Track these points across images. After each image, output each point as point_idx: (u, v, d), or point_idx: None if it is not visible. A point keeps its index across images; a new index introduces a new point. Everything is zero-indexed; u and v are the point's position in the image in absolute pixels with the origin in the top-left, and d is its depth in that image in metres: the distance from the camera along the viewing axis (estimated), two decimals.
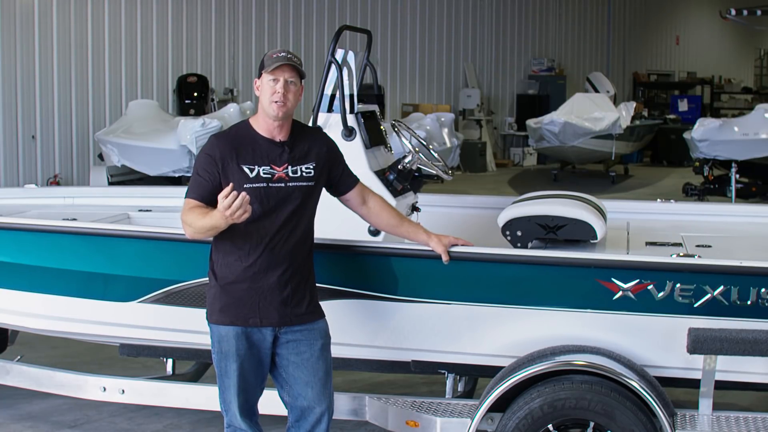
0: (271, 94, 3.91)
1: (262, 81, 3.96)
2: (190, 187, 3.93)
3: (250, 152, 3.92)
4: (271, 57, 3.97)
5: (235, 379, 3.96)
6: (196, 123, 11.59)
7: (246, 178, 3.88)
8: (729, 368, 4.18)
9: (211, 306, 3.99)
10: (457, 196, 6.59)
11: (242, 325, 3.93)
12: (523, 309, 4.35)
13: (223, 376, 3.99)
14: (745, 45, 36.34)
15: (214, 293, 3.98)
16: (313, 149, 4.07)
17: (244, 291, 3.92)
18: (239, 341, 3.93)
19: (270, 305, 3.93)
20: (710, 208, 6.09)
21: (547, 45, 25.22)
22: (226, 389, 4.00)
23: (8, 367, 5.20)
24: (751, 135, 13.99)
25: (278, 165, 3.94)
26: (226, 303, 3.93)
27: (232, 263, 3.92)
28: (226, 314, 3.94)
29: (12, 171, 13.85)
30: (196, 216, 3.82)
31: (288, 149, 3.99)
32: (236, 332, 3.93)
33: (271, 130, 3.98)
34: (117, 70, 15.41)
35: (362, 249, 4.48)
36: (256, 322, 3.93)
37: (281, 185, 3.93)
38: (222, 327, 3.95)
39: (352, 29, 5.73)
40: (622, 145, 18.95)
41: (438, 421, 4.31)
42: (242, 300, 3.92)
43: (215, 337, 3.99)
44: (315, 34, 18.85)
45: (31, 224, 4.96)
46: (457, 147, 15.87)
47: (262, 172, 3.91)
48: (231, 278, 3.93)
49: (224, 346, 3.95)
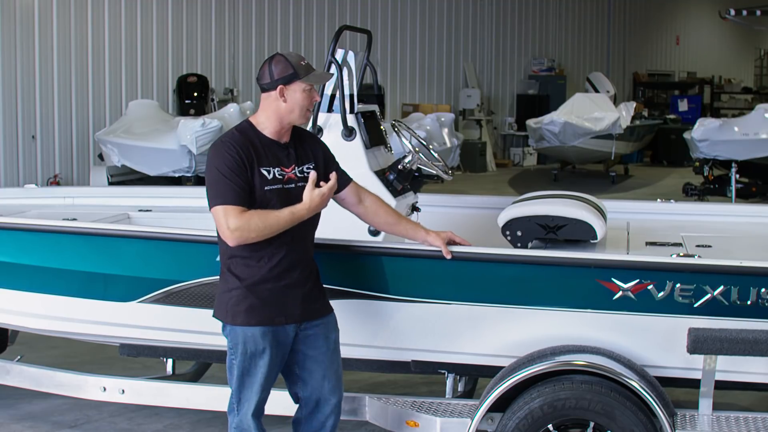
0: (308, 104, 3.98)
1: (293, 88, 3.95)
2: (226, 194, 3.84)
3: (263, 155, 3.96)
4: (301, 65, 3.97)
5: (260, 378, 3.98)
6: (196, 123, 11.59)
7: (266, 181, 3.92)
8: (729, 368, 4.18)
9: (235, 308, 3.96)
10: (457, 196, 6.59)
11: (269, 324, 3.96)
12: (523, 309, 4.35)
13: (245, 375, 3.99)
14: (745, 45, 36.33)
15: (238, 295, 3.95)
16: (311, 149, 4.14)
17: (270, 291, 3.95)
18: (266, 340, 3.96)
19: (294, 302, 4.00)
20: (710, 208, 6.09)
21: (547, 45, 25.22)
22: (246, 388, 4.00)
23: (8, 367, 5.20)
24: (751, 135, 13.99)
25: (287, 166, 4.00)
26: (252, 304, 3.94)
27: (255, 264, 3.94)
28: (252, 315, 3.94)
29: (12, 171, 13.86)
30: (261, 218, 3.83)
31: (292, 150, 4.05)
32: (263, 332, 3.95)
33: (281, 133, 4.02)
34: (117, 70, 15.41)
35: (362, 249, 4.48)
36: (282, 320, 3.98)
37: (292, 186, 3.99)
38: (248, 328, 3.95)
39: (352, 29, 5.73)
40: (622, 145, 18.95)
41: (438, 421, 4.31)
42: (268, 300, 3.95)
43: (239, 338, 3.96)
44: (315, 34, 18.85)
45: (31, 224, 4.96)
46: (457, 147, 15.87)
47: (276, 174, 3.96)
48: (256, 279, 3.94)
49: (250, 347, 3.95)
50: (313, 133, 4.35)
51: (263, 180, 3.92)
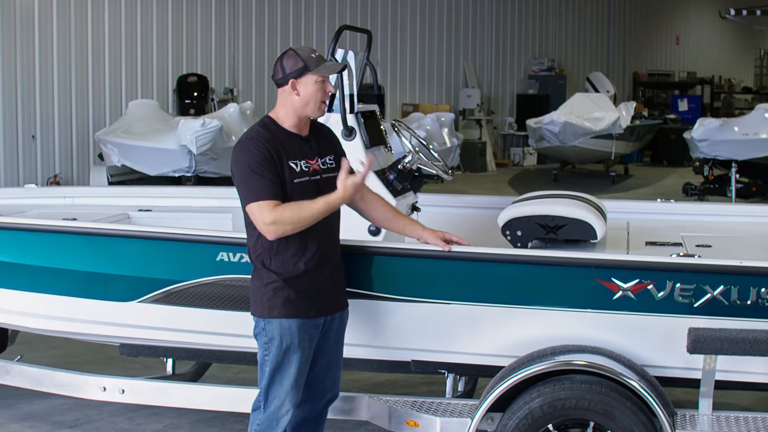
0: (322, 95, 4.03)
1: (304, 81, 4.00)
2: (259, 190, 3.89)
3: (289, 148, 4.01)
4: (312, 57, 4.00)
5: (293, 373, 4.03)
6: (196, 123, 11.58)
7: (294, 174, 3.99)
8: (729, 368, 4.18)
9: (272, 301, 4.02)
10: (457, 196, 6.59)
11: (304, 317, 4.02)
12: (523, 309, 4.35)
13: (278, 370, 4.03)
14: (745, 45, 36.33)
15: (275, 288, 4.01)
16: (329, 142, 4.24)
17: (305, 283, 4.02)
18: (302, 332, 4.02)
19: (327, 295, 4.10)
20: (710, 208, 6.10)
21: (547, 45, 25.21)
22: (278, 383, 4.04)
23: (8, 367, 5.19)
24: (751, 135, 13.99)
25: (311, 159, 4.07)
26: (289, 296, 4.00)
27: (289, 258, 4.00)
28: (289, 307, 4.00)
29: (12, 171, 13.85)
30: (295, 210, 3.89)
31: (314, 143, 4.12)
32: (299, 324, 4.01)
33: (301, 127, 4.09)
34: (117, 70, 15.41)
35: (363, 249, 4.48)
36: (314, 313, 4.05)
37: (318, 177, 4.06)
38: (285, 320, 4.00)
39: (352, 29, 5.73)
40: (622, 145, 18.95)
41: (438, 421, 4.31)
42: (304, 292, 4.02)
43: (276, 331, 4.01)
44: (315, 34, 18.84)
45: (31, 224, 4.96)
46: (457, 147, 15.86)
47: (303, 167, 4.03)
48: (292, 272, 4.00)
49: (286, 339, 4.00)
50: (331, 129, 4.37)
51: (292, 173, 3.98)
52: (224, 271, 4.48)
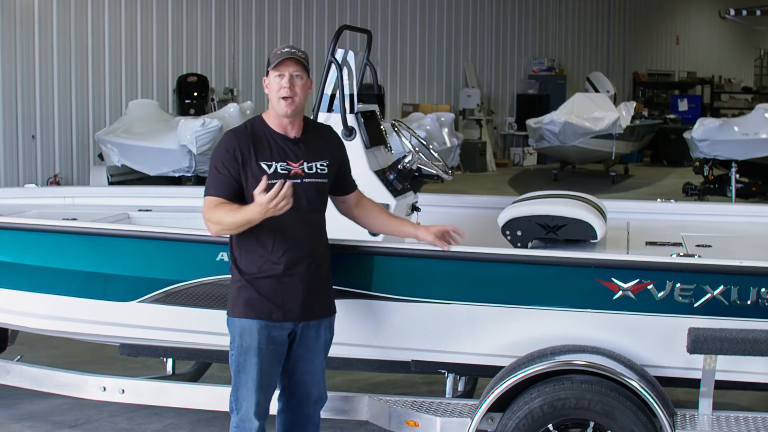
0: (278, 90, 3.95)
1: (269, 79, 3.99)
2: (209, 184, 3.94)
3: (266, 148, 3.95)
4: (276, 54, 4.01)
5: (255, 374, 3.97)
6: (196, 123, 11.59)
7: (265, 174, 3.90)
8: (729, 368, 4.18)
9: (234, 300, 4.00)
10: (457, 196, 6.59)
11: (266, 319, 3.96)
12: (523, 309, 4.35)
13: (241, 371, 3.98)
14: (745, 45, 36.33)
15: (239, 287, 3.99)
16: (326, 146, 4.12)
17: (270, 285, 3.95)
18: (261, 335, 3.95)
19: (294, 300, 3.98)
20: (710, 208, 6.09)
21: (547, 45, 25.21)
22: (242, 386, 3.99)
23: (8, 367, 5.19)
24: (751, 135, 14.00)
25: (294, 161, 3.98)
26: (251, 297, 3.96)
27: (256, 259, 3.95)
28: (250, 308, 3.95)
29: (12, 171, 13.85)
30: (225, 213, 3.86)
31: (302, 145, 4.03)
32: (259, 326, 3.95)
33: (284, 127, 4.02)
34: (117, 70, 15.41)
35: (362, 249, 4.48)
36: (279, 316, 3.97)
37: (298, 181, 3.96)
38: (245, 320, 3.96)
39: (352, 29, 5.73)
40: (622, 145, 18.95)
41: (438, 421, 4.31)
42: (267, 295, 3.95)
43: (236, 331, 3.99)
44: (315, 34, 18.85)
45: (31, 224, 4.96)
46: (457, 147, 15.86)
47: (279, 168, 3.95)
48: (257, 273, 3.95)
49: (246, 340, 3.96)
50: (332, 129, 4.28)
51: (262, 174, 3.88)
52: (224, 271, 4.47)
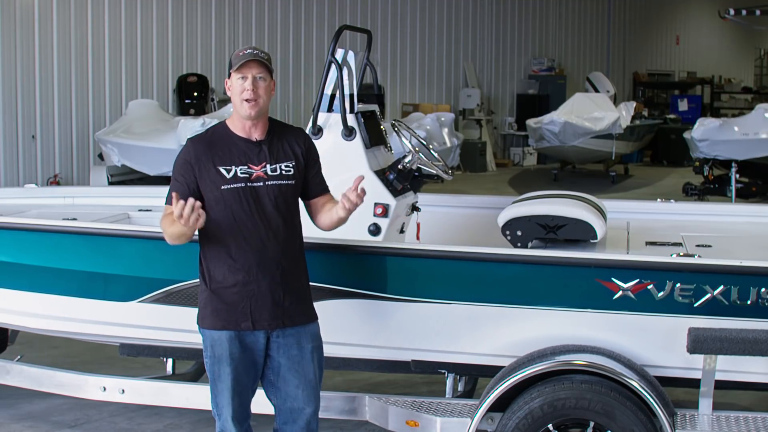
0: (240, 92, 3.85)
1: (231, 81, 3.91)
2: (168, 192, 3.88)
3: (227, 153, 3.87)
4: (238, 55, 3.93)
5: (229, 383, 3.90)
6: (196, 123, 11.58)
7: (223, 180, 3.83)
8: (729, 368, 4.18)
9: (203, 310, 3.93)
10: (457, 196, 6.59)
11: (234, 329, 3.87)
12: (523, 309, 4.35)
13: (216, 380, 3.93)
14: (745, 45, 36.33)
15: (206, 297, 3.91)
16: (292, 148, 3.99)
17: (236, 294, 3.85)
18: (232, 345, 3.87)
19: (262, 308, 3.86)
20: (710, 208, 6.09)
21: (547, 45, 25.21)
22: (219, 394, 3.94)
23: (8, 367, 5.20)
24: (751, 135, 14.00)
25: (256, 164, 3.88)
26: (217, 307, 3.87)
27: (220, 266, 3.86)
28: (217, 318, 3.88)
29: (12, 171, 13.85)
30: (168, 223, 3.82)
31: (265, 147, 3.93)
32: (229, 336, 3.87)
33: (247, 130, 3.93)
34: (117, 70, 15.41)
35: (362, 249, 4.48)
36: (248, 325, 3.87)
37: (260, 184, 3.87)
38: (214, 332, 3.89)
39: (352, 29, 5.72)
40: (622, 145, 18.95)
41: (438, 421, 4.31)
42: (234, 304, 3.85)
43: (207, 342, 3.93)
44: (315, 34, 18.84)
45: (31, 224, 4.96)
46: (457, 147, 15.86)
47: (239, 173, 3.85)
48: (221, 282, 3.86)
49: (217, 351, 3.89)
50: (304, 131, 4.14)
51: (220, 179, 3.82)
52: None
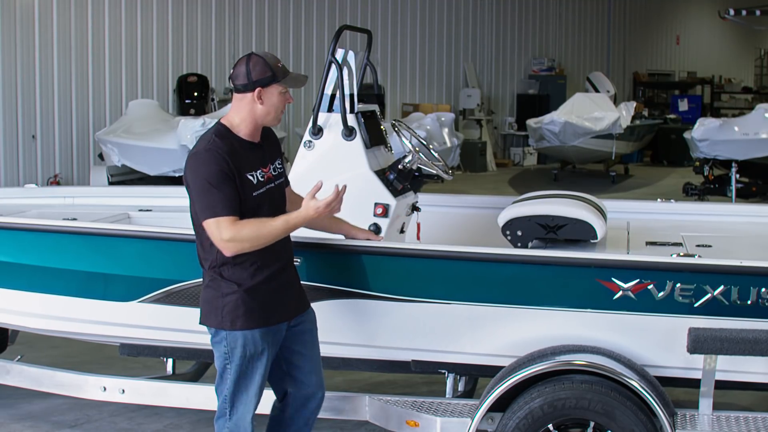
0: (282, 106, 3.98)
1: (270, 91, 3.90)
2: (217, 204, 3.77)
3: (246, 159, 3.91)
4: (278, 66, 3.92)
5: (258, 379, 3.97)
6: (196, 123, 11.58)
7: (253, 186, 3.89)
8: (729, 368, 4.18)
9: (234, 312, 3.90)
10: (457, 196, 6.59)
11: (265, 325, 3.95)
12: (523, 309, 4.35)
13: (242, 378, 3.95)
14: (745, 45, 36.33)
15: (236, 299, 3.90)
16: (276, 146, 4.16)
17: (266, 291, 3.94)
18: (265, 342, 3.95)
19: (288, 300, 4.04)
20: (710, 208, 6.10)
21: (547, 45, 25.21)
22: (243, 391, 3.97)
23: (8, 367, 5.20)
24: (751, 135, 13.99)
25: (264, 166, 3.98)
26: (251, 307, 3.91)
27: (249, 267, 3.90)
28: (252, 318, 3.91)
29: (12, 171, 13.85)
30: (256, 227, 3.80)
31: (265, 149, 4.04)
32: (262, 333, 3.94)
33: (255, 135, 3.98)
34: (117, 70, 15.41)
35: (362, 249, 4.48)
36: (276, 319, 3.98)
37: (272, 185, 4.00)
38: (248, 331, 3.91)
39: (352, 29, 5.72)
40: (622, 145, 18.95)
41: (438, 421, 4.31)
42: (265, 301, 3.94)
43: (239, 342, 3.91)
44: (315, 34, 18.84)
45: (31, 224, 4.96)
46: (457, 147, 15.86)
47: (259, 177, 3.94)
48: (252, 282, 3.91)
49: (250, 349, 3.92)
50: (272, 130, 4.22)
51: (250, 186, 3.87)
52: None
